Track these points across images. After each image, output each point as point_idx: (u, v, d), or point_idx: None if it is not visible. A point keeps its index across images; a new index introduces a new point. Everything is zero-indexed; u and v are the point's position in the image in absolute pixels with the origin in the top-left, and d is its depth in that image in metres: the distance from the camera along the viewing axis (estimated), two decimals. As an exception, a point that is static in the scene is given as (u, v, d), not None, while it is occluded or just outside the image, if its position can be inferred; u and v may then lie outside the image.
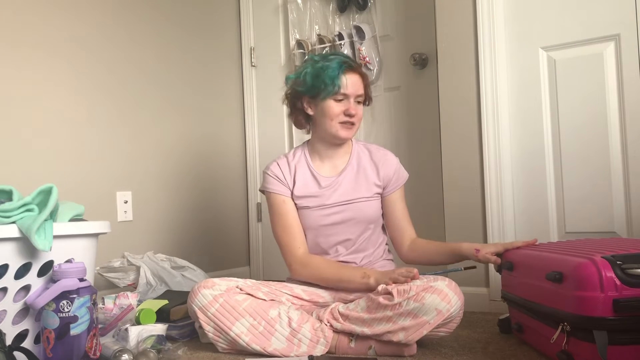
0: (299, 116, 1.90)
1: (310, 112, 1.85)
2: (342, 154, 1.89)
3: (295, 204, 1.86)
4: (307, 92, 1.83)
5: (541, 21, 2.13)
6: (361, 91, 1.82)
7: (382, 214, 1.90)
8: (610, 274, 1.23)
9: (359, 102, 1.83)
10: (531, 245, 1.68)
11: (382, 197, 1.88)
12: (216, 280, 1.69)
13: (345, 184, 1.85)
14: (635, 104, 1.96)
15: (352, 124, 1.81)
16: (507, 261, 1.69)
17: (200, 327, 1.66)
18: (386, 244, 1.94)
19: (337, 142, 1.86)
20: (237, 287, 1.67)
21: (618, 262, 1.24)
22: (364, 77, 1.84)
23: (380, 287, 1.60)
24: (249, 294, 1.66)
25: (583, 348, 1.27)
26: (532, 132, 2.16)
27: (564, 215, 2.10)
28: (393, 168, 1.88)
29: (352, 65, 1.82)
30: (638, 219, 1.96)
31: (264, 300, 1.67)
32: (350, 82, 1.79)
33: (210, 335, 1.63)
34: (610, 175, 2.01)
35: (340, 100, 1.80)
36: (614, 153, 2.01)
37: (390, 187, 1.87)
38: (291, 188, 1.87)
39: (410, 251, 1.88)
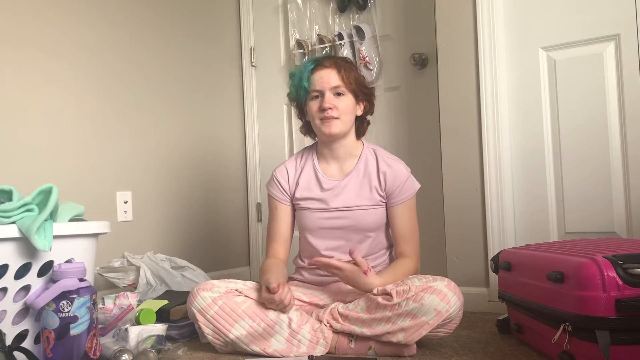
0: (306, 126, 1.91)
1: (307, 117, 1.86)
2: (350, 156, 1.84)
3: (297, 204, 1.86)
4: (296, 100, 1.86)
5: (541, 21, 2.13)
6: (336, 82, 1.76)
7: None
8: (612, 273, 1.23)
9: (338, 94, 1.77)
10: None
11: (387, 206, 1.82)
12: (215, 282, 1.68)
13: (348, 189, 1.81)
14: (635, 104, 1.97)
15: (332, 117, 1.76)
16: (504, 261, 1.69)
17: (200, 327, 1.66)
18: (390, 254, 1.89)
19: (329, 140, 1.81)
20: (236, 290, 1.66)
21: (619, 262, 1.24)
22: (340, 69, 1.78)
23: (379, 288, 1.60)
24: (247, 297, 1.66)
25: (585, 348, 1.26)
26: (532, 132, 2.16)
27: (564, 215, 2.10)
28: (398, 181, 1.78)
29: (321, 62, 1.80)
30: (638, 219, 1.96)
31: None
32: (318, 77, 1.77)
33: (210, 337, 1.62)
34: (610, 175, 2.01)
35: (316, 98, 1.79)
36: (614, 153, 2.01)
37: (393, 200, 1.79)
38: (292, 192, 1.86)
39: None
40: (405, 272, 1.71)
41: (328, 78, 1.76)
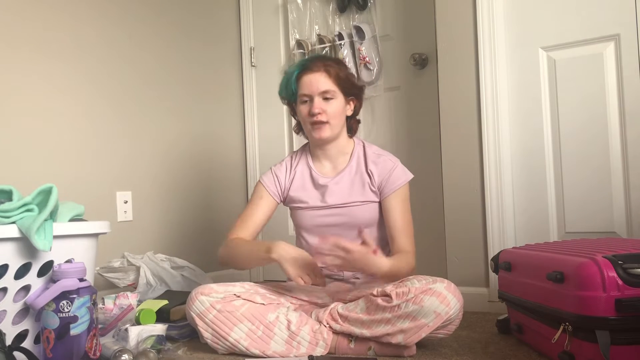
0: (299, 125, 1.93)
1: (298, 118, 1.88)
2: (342, 154, 1.87)
3: (292, 204, 1.88)
4: (286, 100, 1.88)
5: (541, 21, 2.13)
6: (324, 87, 1.76)
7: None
8: (612, 273, 1.23)
9: (327, 99, 1.77)
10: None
11: (380, 200, 1.82)
12: (214, 286, 1.68)
13: (342, 186, 1.83)
14: (635, 104, 1.96)
15: (322, 122, 1.77)
16: (504, 261, 1.69)
17: (199, 331, 1.66)
18: (388, 253, 1.88)
19: (320, 143, 1.84)
20: (234, 295, 1.66)
21: (620, 262, 1.24)
22: (329, 71, 1.76)
23: (378, 289, 1.59)
24: (246, 300, 1.66)
25: (585, 348, 1.26)
26: (532, 132, 2.16)
27: (564, 215, 2.10)
28: (384, 173, 1.80)
29: (309, 66, 1.78)
30: (638, 218, 1.96)
31: (262, 304, 1.66)
32: (307, 82, 1.77)
33: (209, 341, 1.62)
34: (610, 175, 2.01)
35: (305, 102, 1.79)
36: (614, 153, 2.01)
37: (385, 191, 1.79)
38: (286, 190, 1.88)
39: None
40: (408, 265, 1.70)
41: (317, 82, 1.76)
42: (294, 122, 1.95)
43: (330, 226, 1.82)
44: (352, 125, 1.90)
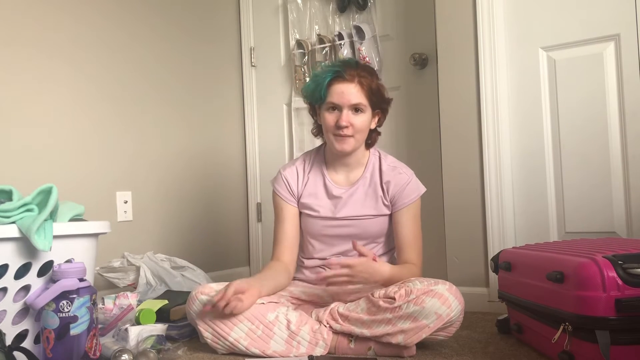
0: (318, 128, 1.86)
1: (319, 121, 1.82)
2: (357, 164, 1.83)
3: (302, 210, 1.85)
4: (309, 100, 1.82)
5: (541, 21, 2.13)
6: (356, 100, 1.69)
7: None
8: (612, 273, 1.23)
9: (357, 111, 1.71)
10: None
11: (391, 213, 1.80)
12: (214, 285, 1.68)
13: (355, 198, 1.80)
14: (635, 104, 1.97)
15: (347, 136, 1.72)
16: (504, 261, 1.69)
17: (200, 331, 1.66)
18: (392, 256, 1.89)
19: (339, 155, 1.79)
20: None
21: (619, 262, 1.24)
22: (362, 84, 1.70)
23: (380, 292, 1.59)
24: None
25: (585, 348, 1.27)
26: (531, 132, 2.16)
27: (564, 215, 2.10)
28: (398, 187, 1.77)
29: (342, 73, 1.70)
30: (638, 218, 1.96)
31: (262, 303, 1.66)
32: (338, 92, 1.70)
33: (209, 340, 1.62)
34: (610, 175, 2.01)
35: (333, 110, 1.73)
36: (614, 153, 2.01)
37: (397, 205, 1.78)
38: (299, 195, 1.85)
39: None
40: (411, 275, 1.69)
41: (349, 94, 1.69)
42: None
43: (339, 236, 1.81)
44: (372, 137, 1.84)
